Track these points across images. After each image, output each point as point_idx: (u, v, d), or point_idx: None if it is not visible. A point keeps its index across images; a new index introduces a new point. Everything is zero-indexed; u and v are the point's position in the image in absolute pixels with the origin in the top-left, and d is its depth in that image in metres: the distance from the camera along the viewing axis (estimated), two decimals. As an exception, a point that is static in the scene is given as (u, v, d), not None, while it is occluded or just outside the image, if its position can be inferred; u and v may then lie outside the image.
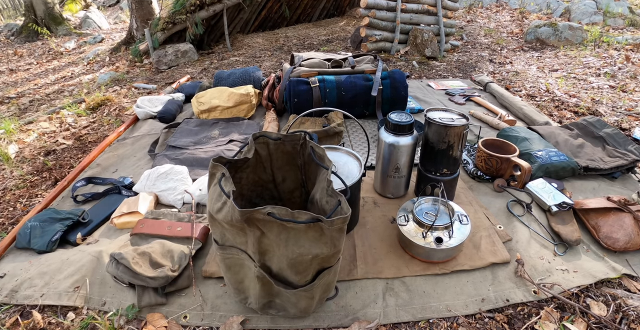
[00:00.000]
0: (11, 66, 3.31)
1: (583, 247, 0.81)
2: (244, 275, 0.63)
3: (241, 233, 0.56)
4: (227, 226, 0.56)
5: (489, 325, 0.65)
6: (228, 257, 0.61)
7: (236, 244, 0.59)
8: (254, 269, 0.59)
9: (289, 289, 0.59)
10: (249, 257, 0.59)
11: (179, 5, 2.82)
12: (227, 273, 0.64)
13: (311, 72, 1.49)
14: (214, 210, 0.55)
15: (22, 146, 1.52)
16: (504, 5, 4.24)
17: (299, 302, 0.62)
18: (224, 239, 0.60)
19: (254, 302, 0.64)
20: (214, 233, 0.62)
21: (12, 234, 0.90)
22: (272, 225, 0.52)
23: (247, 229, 0.54)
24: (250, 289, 0.64)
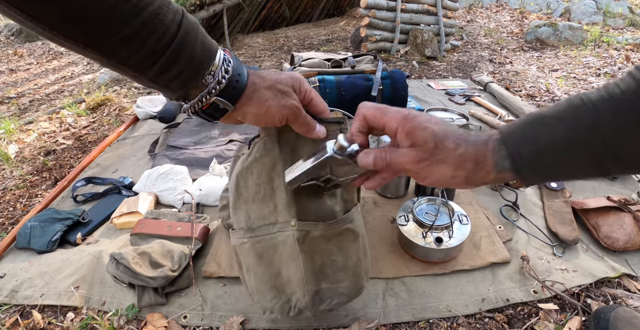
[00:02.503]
0: (11, 66, 3.31)
1: (582, 246, 0.81)
2: (280, 261, 0.53)
3: (269, 191, 0.51)
4: (254, 185, 0.51)
5: (489, 325, 0.65)
6: (258, 240, 0.53)
7: (264, 218, 0.53)
8: (290, 236, 0.51)
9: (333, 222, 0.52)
10: (281, 221, 0.52)
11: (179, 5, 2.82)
12: (259, 267, 0.54)
13: (311, 72, 1.49)
14: (239, 170, 0.52)
15: (22, 146, 1.52)
16: (504, 5, 4.24)
17: (348, 256, 0.54)
18: (249, 221, 0.54)
19: (302, 296, 0.53)
20: (238, 220, 0.55)
21: (12, 234, 0.90)
22: None
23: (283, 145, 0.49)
24: (291, 281, 0.54)
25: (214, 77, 0.37)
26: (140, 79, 0.35)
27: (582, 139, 0.30)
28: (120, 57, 0.32)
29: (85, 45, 0.31)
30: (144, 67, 0.34)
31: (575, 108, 0.31)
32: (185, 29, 0.34)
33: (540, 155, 0.32)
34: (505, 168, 0.33)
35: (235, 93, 0.39)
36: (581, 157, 0.31)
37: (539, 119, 0.33)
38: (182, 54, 0.35)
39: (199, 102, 0.38)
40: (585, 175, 0.33)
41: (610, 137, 0.29)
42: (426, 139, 0.35)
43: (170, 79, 0.36)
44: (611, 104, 0.29)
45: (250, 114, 0.41)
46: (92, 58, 0.33)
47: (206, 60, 0.37)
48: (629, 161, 0.29)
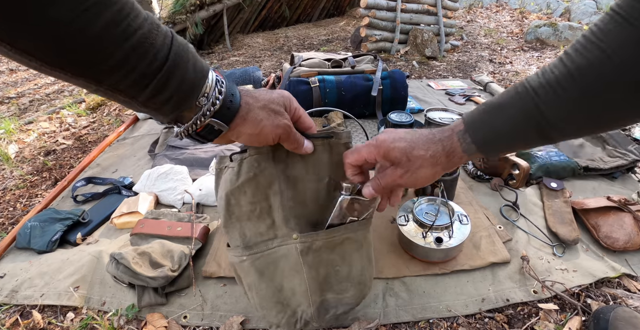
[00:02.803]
0: (11, 66, 3.31)
1: (582, 246, 0.81)
2: (282, 275, 0.53)
3: (266, 209, 0.52)
4: (248, 204, 0.52)
5: (489, 325, 0.65)
6: (258, 257, 0.53)
7: (261, 234, 0.53)
8: (293, 249, 0.51)
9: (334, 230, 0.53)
10: (280, 236, 0.53)
11: (179, 5, 2.82)
12: (261, 283, 0.54)
13: (311, 72, 1.49)
14: (230, 190, 0.51)
15: (22, 146, 1.52)
16: (504, 5, 4.24)
17: (352, 265, 0.55)
18: (245, 239, 0.53)
19: (307, 307, 0.53)
20: (232, 238, 0.55)
21: (12, 234, 0.90)
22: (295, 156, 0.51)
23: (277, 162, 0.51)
24: (296, 294, 0.53)
25: (207, 99, 0.37)
26: (132, 103, 0.34)
27: (529, 119, 0.38)
28: (110, 83, 0.32)
29: (73, 74, 0.30)
30: (135, 91, 0.33)
31: (521, 95, 0.38)
32: (176, 51, 0.34)
33: (499, 136, 0.40)
34: (473, 151, 0.42)
35: (230, 114, 0.39)
36: (530, 132, 0.38)
37: (493, 107, 0.41)
38: (174, 77, 0.34)
39: (193, 125, 0.38)
40: (536, 145, 0.42)
41: (550, 114, 0.36)
42: (398, 157, 0.43)
43: (162, 102, 0.35)
44: (548, 90, 0.36)
45: (244, 134, 0.41)
46: (80, 85, 0.32)
47: (199, 82, 0.36)
48: (566, 129, 0.37)
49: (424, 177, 0.44)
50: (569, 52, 0.35)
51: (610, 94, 0.33)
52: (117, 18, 0.29)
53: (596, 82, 0.33)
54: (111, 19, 0.28)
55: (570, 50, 0.35)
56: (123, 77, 0.31)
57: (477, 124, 0.41)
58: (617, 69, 0.32)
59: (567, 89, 0.35)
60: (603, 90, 0.33)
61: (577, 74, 0.34)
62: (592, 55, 0.33)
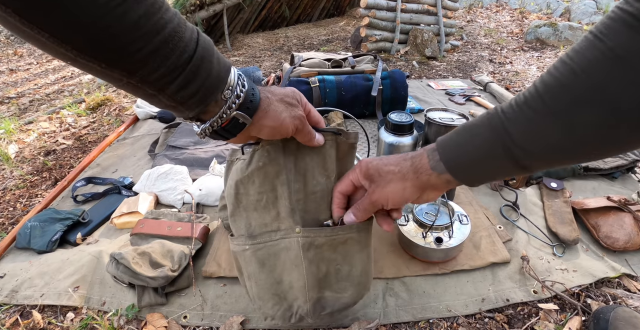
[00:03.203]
0: (11, 66, 3.31)
1: (582, 246, 0.81)
2: (282, 267, 0.54)
3: (272, 199, 0.52)
4: (256, 193, 0.52)
5: (489, 325, 0.65)
6: (260, 247, 0.53)
7: (266, 225, 0.53)
8: (295, 242, 0.52)
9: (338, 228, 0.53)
10: (283, 228, 0.53)
11: (179, 5, 2.82)
12: (261, 274, 0.54)
13: (311, 72, 1.49)
14: (239, 178, 0.52)
15: (22, 146, 1.52)
16: (504, 5, 4.24)
17: (353, 265, 0.55)
18: (250, 229, 0.54)
19: (303, 303, 0.54)
20: (238, 227, 0.55)
21: (12, 234, 0.90)
22: None
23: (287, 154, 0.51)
24: (293, 288, 0.54)
25: (232, 92, 0.38)
26: (158, 97, 0.35)
27: (496, 138, 0.37)
28: (142, 75, 0.32)
29: (108, 64, 0.31)
30: (165, 83, 0.34)
31: (490, 115, 0.38)
32: (203, 45, 0.35)
33: (466, 155, 0.39)
34: (442, 169, 0.41)
35: (253, 106, 0.40)
36: (497, 153, 0.37)
37: (465, 128, 0.40)
38: (201, 69, 0.35)
39: (219, 119, 0.39)
40: (508, 172, 0.39)
41: (514, 131, 0.35)
42: (372, 174, 0.46)
43: (190, 95, 0.36)
44: (515, 109, 0.36)
45: (267, 127, 0.42)
46: (111, 78, 0.32)
47: (224, 75, 0.38)
48: (533, 152, 0.35)
49: (393, 192, 0.44)
50: (542, 75, 0.34)
51: (572, 112, 0.31)
52: (149, 11, 0.30)
53: (559, 98, 0.32)
54: (144, 12, 0.30)
55: (545, 73, 0.34)
56: (155, 69, 0.32)
57: (446, 142, 0.42)
58: (582, 84, 0.30)
59: (532, 106, 0.34)
60: (565, 107, 0.31)
61: (544, 91, 0.33)
62: (561, 74, 0.32)
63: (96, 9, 0.27)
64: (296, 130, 0.45)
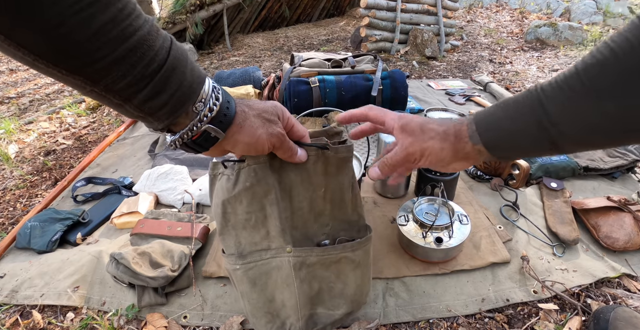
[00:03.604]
0: (11, 66, 3.31)
1: (582, 246, 0.81)
2: (274, 286, 0.54)
3: (261, 218, 0.51)
4: (244, 213, 0.51)
5: (489, 325, 0.65)
6: (251, 267, 0.53)
7: (256, 244, 0.53)
8: (286, 262, 0.52)
9: (331, 249, 0.53)
10: (274, 247, 0.53)
11: (179, 5, 2.82)
12: (253, 293, 0.54)
13: (311, 72, 1.49)
14: (226, 198, 0.51)
15: (22, 146, 1.52)
16: (504, 5, 4.24)
17: (347, 283, 0.55)
18: (240, 247, 0.53)
19: (296, 321, 0.54)
20: (227, 246, 0.55)
21: (12, 234, 0.90)
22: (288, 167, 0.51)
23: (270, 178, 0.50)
24: (286, 306, 0.54)
25: (204, 105, 0.36)
26: (125, 107, 0.33)
27: (531, 113, 0.37)
28: (106, 83, 0.31)
29: (69, 71, 0.29)
30: (131, 93, 0.32)
31: (530, 92, 0.38)
32: (175, 55, 0.33)
33: (500, 129, 0.40)
34: (476, 139, 0.42)
35: (227, 120, 0.38)
36: (531, 128, 0.37)
37: (503, 102, 0.41)
38: (172, 80, 0.34)
39: (189, 132, 0.37)
40: (540, 149, 0.39)
41: (550, 109, 0.35)
42: (414, 128, 0.45)
43: (159, 106, 0.34)
44: (553, 86, 0.36)
45: (241, 143, 0.41)
46: (74, 85, 0.31)
47: (196, 86, 0.36)
48: (568, 131, 0.35)
49: (433, 149, 0.44)
50: (584, 56, 0.34)
51: (611, 92, 0.31)
52: (117, 18, 0.29)
53: (599, 79, 0.32)
54: (111, 18, 0.28)
55: (586, 55, 0.34)
56: (120, 78, 0.31)
57: (483, 114, 0.42)
58: (623, 65, 0.30)
59: (571, 85, 0.34)
60: (605, 88, 0.32)
61: (583, 71, 0.33)
62: (602, 55, 0.32)
63: (59, 12, 0.26)
64: (274, 147, 0.44)
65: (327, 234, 0.55)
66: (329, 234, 0.55)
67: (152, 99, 0.33)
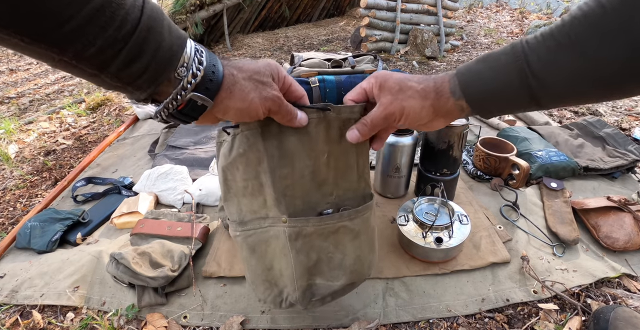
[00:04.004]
0: (11, 66, 3.31)
1: (582, 246, 0.81)
2: (272, 254, 0.53)
3: (257, 186, 0.49)
4: (242, 180, 0.49)
5: (489, 325, 0.65)
6: (250, 234, 0.52)
7: (255, 212, 0.52)
8: (282, 231, 0.50)
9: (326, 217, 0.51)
10: (271, 216, 0.51)
11: (179, 5, 2.82)
12: (252, 259, 0.54)
13: (311, 72, 1.49)
14: (224, 164, 0.49)
15: (22, 146, 1.52)
16: (504, 5, 4.24)
17: (345, 254, 0.53)
18: (241, 214, 0.52)
19: (292, 291, 0.53)
20: (230, 213, 0.54)
21: (12, 234, 0.90)
22: None
23: (267, 139, 0.47)
24: (283, 275, 0.53)
25: (187, 70, 0.33)
26: (101, 77, 0.30)
27: (513, 62, 0.36)
28: (76, 50, 0.27)
29: (32, 39, 0.26)
30: (105, 59, 0.29)
31: (514, 45, 0.37)
32: (149, 14, 0.30)
33: (481, 80, 0.39)
34: (458, 94, 0.40)
35: (213, 86, 0.35)
36: (512, 78, 0.37)
37: (487, 55, 0.40)
38: (149, 42, 0.30)
39: (174, 101, 0.34)
40: (519, 103, 0.39)
41: (533, 59, 0.35)
42: (391, 86, 0.43)
43: (138, 74, 0.31)
44: (538, 39, 0.35)
45: (232, 109, 0.37)
46: (40, 56, 0.28)
47: (177, 48, 0.32)
48: (548, 82, 0.35)
49: (412, 107, 0.42)
50: (572, 9, 0.35)
51: (595, 45, 0.31)
52: None
53: (584, 31, 0.32)
54: None
55: (575, 8, 0.34)
56: (90, 43, 0.27)
57: (466, 68, 0.41)
58: (609, 19, 0.30)
59: (555, 37, 0.34)
60: (588, 40, 0.31)
61: (569, 24, 0.33)
62: (590, 8, 0.32)
63: None
64: (270, 112, 0.41)
65: (331, 203, 0.52)
66: (333, 203, 0.52)
67: (128, 66, 0.30)
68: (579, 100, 0.37)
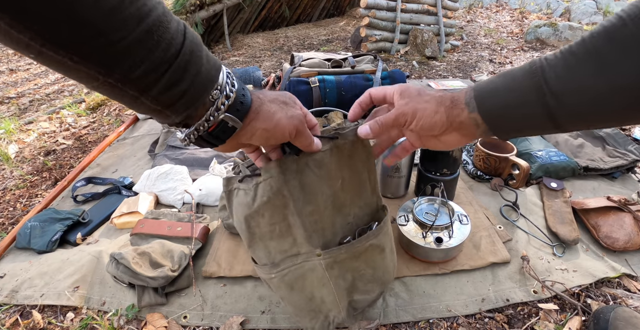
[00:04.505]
0: (11, 66, 3.31)
1: (582, 246, 0.81)
2: (311, 286, 0.55)
3: (285, 228, 0.51)
4: (268, 225, 0.50)
5: (489, 325, 0.65)
6: (285, 273, 0.53)
7: (285, 251, 0.53)
8: (318, 264, 0.52)
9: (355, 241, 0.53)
10: (303, 252, 0.52)
11: (179, 5, 2.82)
12: (292, 296, 0.55)
13: (311, 72, 1.49)
14: (248, 213, 0.50)
15: (22, 146, 1.52)
16: (504, 5, 4.24)
17: (375, 268, 0.56)
18: (271, 256, 0.53)
19: (338, 313, 0.56)
20: (259, 257, 0.54)
21: (12, 234, 0.90)
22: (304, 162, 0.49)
23: (289, 182, 0.48)
24: (326, 301, 0.56)
25: (220, 92, 0.34)
26: (141, 99, 0.31)
27: (531, 83, 0.35)
28: (122, 71, 0.28)
29: (81, 57, 0.26)
30: (149, 81, 0.29)
31: (533, 63, 0.37)
32: (191, 39, 0.31)
33: (498, 96, 0.38)
34: (472, 107, 0.40)
35: (243, 108, 0.36)
36: (531, 99, 0.36)
37: (505, 71, 0.40)
38: (190, 66, 0.31)
39: (205, 122, 0.34)
40: (535, 120, 0.37)
41: (551, 75, 0.34)
42: (411, 92, 0.45)
43: (177, 97, 0.32)
44: (557, 55, 0.35)
45: (260, 130, 0.38)
46: (85, 76, 0.28)
47: (214, 73, 0.34)
48: (566, 100, 0.34)
49: (425, 111, 0.42)
50: (594, 27, 0.34)
51: (615, 61, 0.30)
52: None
53: (604, 46, 0.31)
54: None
55: (597, 25, 0.34)
56: (138, 64, 0.28)
57: (484, 83, 0.41)
58: (629, 34, 0.29)
59: (574, 53, 0.33)
60: (608, 56, 0.30)
61: (589, 39, 0.32)
62: (611, 23, 0.31)
63: None
64: (296, 132, 0.41)
65: (351, 223, 0.55)
66: (353, 223, 0.55)
67: (170, 89, 0.31)
68: (600, 120, 0.35)
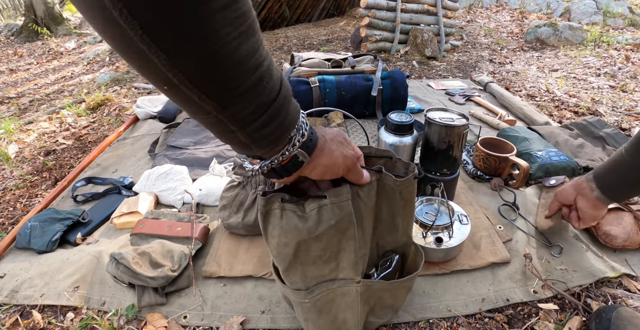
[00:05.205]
0: (11, 66, 3.31)
1: (583, 246, 0.81)
2: (337, 309, 0.55)
3: (334, 253, 0.50)
4: (319, 250, 0.49)
5: (489, 325, 0.65)
6: (318, 298, 0.53)
7: (323, 277, 0.52)
8: (353, 290, 0.54)
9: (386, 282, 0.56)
10: (341, 278, 0.53)
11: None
12: (319, 320, 0.55)
13: (311, 72, 1.49)
14: (304, 238, 0.48)
15: (22, 146, 1.52)
16: (504, 5, 4.24)
17: (396, 299, 0.61)
18: (306, 280, 0.52)
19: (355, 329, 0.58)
20: (293, 281, 0.52)
21: (12, 234, 0.90)
22: None
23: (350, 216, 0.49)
24: (347, 322, 0.57)
25: (297, 131, 0.38)
26: (236, 133, 0.34)
27: None
28: (234, 110, 0.32)
29: (208, 96, 0.30)
30: (249, 120, 0.33)
31: None
32: (286, 85, 0.35)
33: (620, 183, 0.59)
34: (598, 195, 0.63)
35: (312, 145, 0.40)
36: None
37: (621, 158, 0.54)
38: (283, 109, 0.35)
39: (281, 156, 0.38)
40: None
41: None
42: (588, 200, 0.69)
43: (268, 134, 0.36)
44: None
45: (321, 165, 0.42)
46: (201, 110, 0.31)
47: (296, 116, 0.38)
48: None
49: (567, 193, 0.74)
50: None
51: None
52: (254, 47, 0.30)
53: None
54: (251, 47, 0.30)
55: None
56: (246, 105, 0.32)
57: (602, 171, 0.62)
58: None
59: None
60: None
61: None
62: None
63: (218, 39, 0.27)
64: (348, 169, 0.45)
65: (372, 248, 0.59)
66: (380, 246, 0.60)
67: (263, 127, 0.35)
68: None
